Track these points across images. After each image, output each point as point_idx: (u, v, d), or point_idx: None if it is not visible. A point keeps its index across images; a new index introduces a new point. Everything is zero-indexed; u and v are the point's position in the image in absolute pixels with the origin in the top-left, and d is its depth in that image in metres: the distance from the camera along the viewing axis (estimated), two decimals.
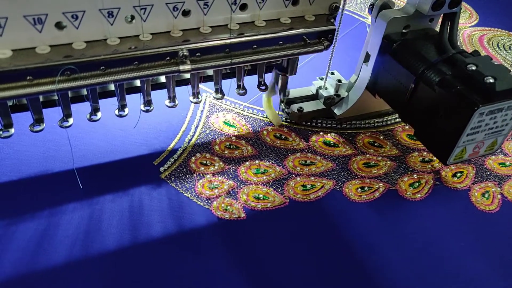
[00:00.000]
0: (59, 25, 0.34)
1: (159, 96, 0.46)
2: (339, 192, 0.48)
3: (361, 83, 0.52)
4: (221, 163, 0.50)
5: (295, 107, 0.54)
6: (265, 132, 0.54)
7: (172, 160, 0.50)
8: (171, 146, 0.51)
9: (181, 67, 0.38)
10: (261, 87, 0.50)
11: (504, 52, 0.76)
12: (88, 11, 0.34)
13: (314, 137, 0.54)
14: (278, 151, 0.52)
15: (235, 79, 0.49)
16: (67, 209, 0.43)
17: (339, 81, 0.54)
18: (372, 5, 0.49)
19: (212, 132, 0.54)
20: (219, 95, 0.49)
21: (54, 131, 0.50)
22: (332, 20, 0.45)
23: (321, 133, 0.55)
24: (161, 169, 0.48)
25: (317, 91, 0.55)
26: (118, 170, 0.48)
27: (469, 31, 0.81)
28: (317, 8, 0.44)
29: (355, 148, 0.53)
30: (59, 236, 0.41)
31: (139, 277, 0.39)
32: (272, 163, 0.50)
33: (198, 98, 0.48)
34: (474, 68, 0.39)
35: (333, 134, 0.55)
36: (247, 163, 0.50)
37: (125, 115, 0.45)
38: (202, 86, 0.58)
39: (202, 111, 0.56)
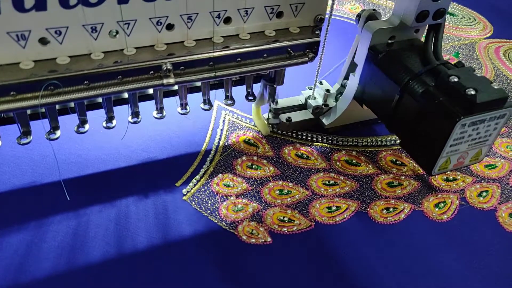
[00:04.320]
0: (42, 41, 0.35)
1: (176, 115, 0.47)
2: (364, 214, 0.48)
3: (349, 93, 0.52)
4: (244, 184, 0.49)
5: (283, 117, 0.54)
6: (286, 151, 0.53)
7: (194, 181, 0.49)
8: (193, 166, 0.51)
9: (165, 81, 0.39)
10: (249, 98, 0.51)
11: None
12: (71, 27, 0.35)
13: (336, 155, 0.54)
14: (301, 170, 0.52)
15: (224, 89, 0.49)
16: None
17: (327, 90, 0.54)
18: (359, 16, 0.50)
19: (233, 152, 0.53)
20: (207, 106, 0.49)
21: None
22: (317, 32, 0.45)
23: (343, 152, 0.54)
24: (184, 190, 0.48)
25: (306, 100, 0.56)
26: (137, 190, 0.47)
27: (484, 43, 0.81)
28: (301, 20, 0.44)
29: (378, 167, 0.53)
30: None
31: None
32: (295, 183, 0.50)
33: (186, 109, 0.48)
34: (456, 79, 0.40)
35: (354, 152, 0.54)
36: (270, 184, 0.50)
37: (112, 127, 0.45)
38: (221, 103, 0.59)
39: (222, 129, 0.56)
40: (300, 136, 0.56)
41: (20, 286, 0.38)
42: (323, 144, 0.55)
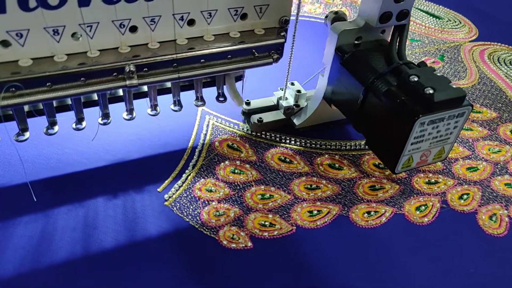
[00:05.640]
0: (4, 43, 0.35)
1: (163, 121, 0.48)
2: (346, 218, 0.48)
3: (318, 93, 0.53)
4: (226, 189, 0.49)
5: (255, 117, 0.55)
6: (269, 155, 0.54)
7: (176, 186, 0.49)
8: (175, 172, 0.51)
9: (128, 82, 0.39)
10: (220, 99, 0.51)
11: (506, 67, 0.76)
12: (32, 30, 0.35)
13: (319, 159, 0.54)
14: (283, 174, 0.52)
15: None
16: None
17: (298, 91, 0.55)
18: (326, 17, 0.50)
19: (216, 156, 0.53)
20: (177, 107, 0.50)
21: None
22: (282, 34, 0.46)
23: (326, 156, 0.54)
24: (166, 196, 0.48)
25: (278, 101, 0.56)
26: (118, 195, 0.48)
27: (469, 46, 0.81)
28: (267, 22, 0.45)
29: (360, 170, 0.53)
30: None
31: None
32: (277, 187, 0.50)
33: (156, 110, 0.49)
34: (416, 79, 0.40)
35: (337, 156, 0.54)
36: (253, 188, 0.50)
37: (82, 129, 0.46)
38: (205, 108, 0.59)
39: (205, 134, 0.56)
40: (277, 139, 0.56)
41: None
42: (306, 148, 0.55)
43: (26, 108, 0.43)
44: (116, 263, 0.41)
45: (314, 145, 0.56)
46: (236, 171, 0.52)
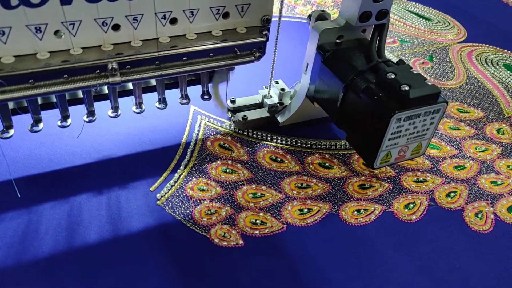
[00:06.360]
0: None
1: (154, 121, 0.48)
2: (336, 215, 0.49)
3: (301, 91, 0.53)
4: (218, 188, 0.50)
5: (239, 115, 0.55)
6: (261, 154, 0.54)
7: (169, 186, 0.49)
8: (168, 171, 0.51)
9: (111, 79, 0.40)
10: (205, 97, 0.52)
11: (492, 68, 0.77)
12: (14, 27, 0.36)
13: (309, 158, 0.54)
14: (274, 174, 0.52)
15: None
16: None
17: (283, 89, 0.56)
18: (309, 17, 0.51)
19: (208, 156, 0.54)
20: (162, 105, 0.50)
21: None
22: (264, 32, 0.46)
23: (316, 155, 0.55)
24: (158, 195, 0.48)
25: (262, 99, 0.57)
26: (111, 194, 0.48)
27: (458, 47, 0.83)
28: (248, 21, 0.46)
29: (350, 169, 0.54)
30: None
31: None
32: (268, 186, 0.51)
33: (141, 108, 0.50)
34: (393, 76, 0.41)
35: (327, 155, 0.55)
36: (244, 187, 0.50)
37: (67, 126, 0.47)
38: (197, 108, 0.60)
39: (197, 134, 0.57)
40: (268, 138, 0.57)
41: None
42: (297, 148, 0.56)
43: (10, 105, 0.43)
44: (106, 260, 0.42)
45: (304, 145, 0.56)
46: (227, 170, 0.52)
